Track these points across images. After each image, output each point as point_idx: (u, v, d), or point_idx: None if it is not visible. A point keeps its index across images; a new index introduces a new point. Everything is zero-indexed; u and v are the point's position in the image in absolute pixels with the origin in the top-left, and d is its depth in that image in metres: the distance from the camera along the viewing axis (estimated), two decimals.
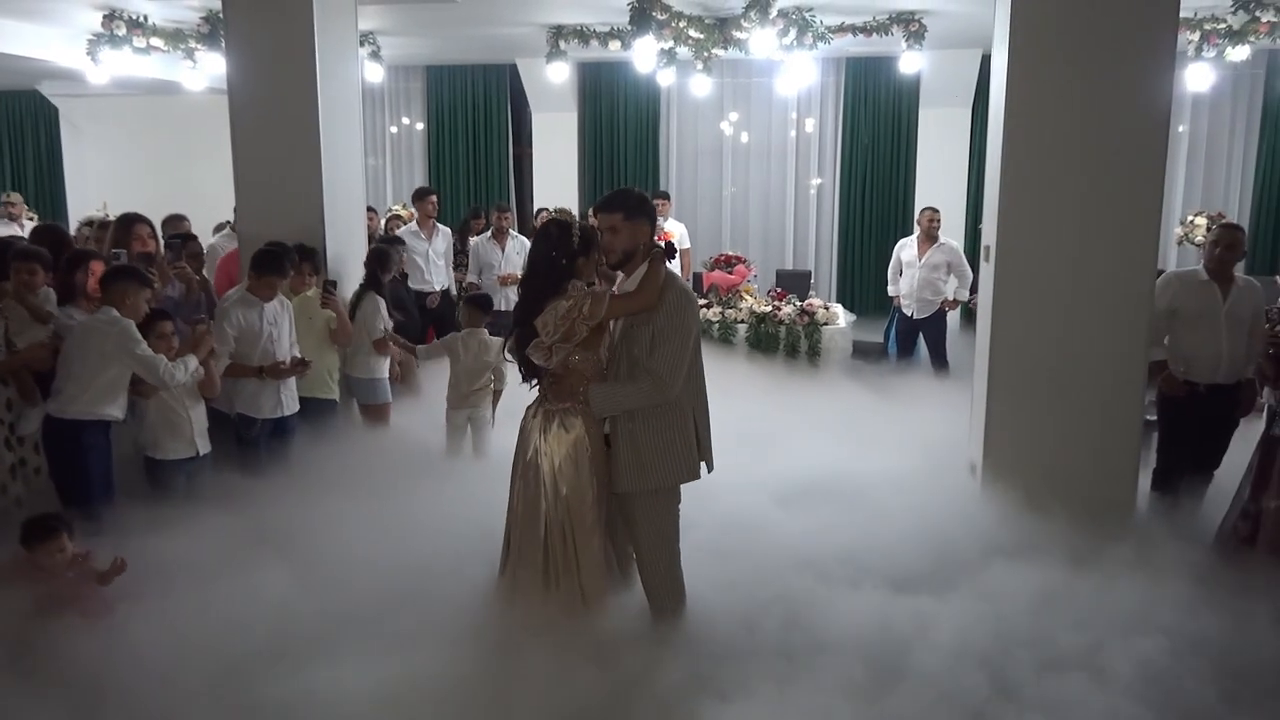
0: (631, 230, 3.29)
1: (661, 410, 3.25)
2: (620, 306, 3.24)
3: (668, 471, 3.28)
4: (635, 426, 3.25)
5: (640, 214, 3.32)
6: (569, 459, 3.24)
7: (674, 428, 3.26)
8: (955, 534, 4.20)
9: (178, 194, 8.97)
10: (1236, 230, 4.81)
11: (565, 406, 3.28)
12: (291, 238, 5.19)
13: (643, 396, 3.22)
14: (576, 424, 3.26)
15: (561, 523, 3.24)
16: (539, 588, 3.27)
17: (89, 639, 3.21)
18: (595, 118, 10.95)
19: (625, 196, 3.37)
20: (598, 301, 3.16)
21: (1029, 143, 4.36)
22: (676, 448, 3.27)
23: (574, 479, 3.23)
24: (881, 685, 3.13)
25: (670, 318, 3.21)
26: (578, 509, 3.24)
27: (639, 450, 3.25)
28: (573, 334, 3.17)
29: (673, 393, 3.20)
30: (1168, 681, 3.14)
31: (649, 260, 3.30)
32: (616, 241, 3.30)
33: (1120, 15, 4.21)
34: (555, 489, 3.24)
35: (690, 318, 3.25)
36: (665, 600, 3.39)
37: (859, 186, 10.56)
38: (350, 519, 4.19)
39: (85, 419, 4.08)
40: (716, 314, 7.61)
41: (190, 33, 8.35)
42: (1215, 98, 9.51)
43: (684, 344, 3.21)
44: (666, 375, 3.18)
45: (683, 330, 3.21)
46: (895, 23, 7.76)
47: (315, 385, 5.17)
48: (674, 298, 3.24)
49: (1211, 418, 4.71)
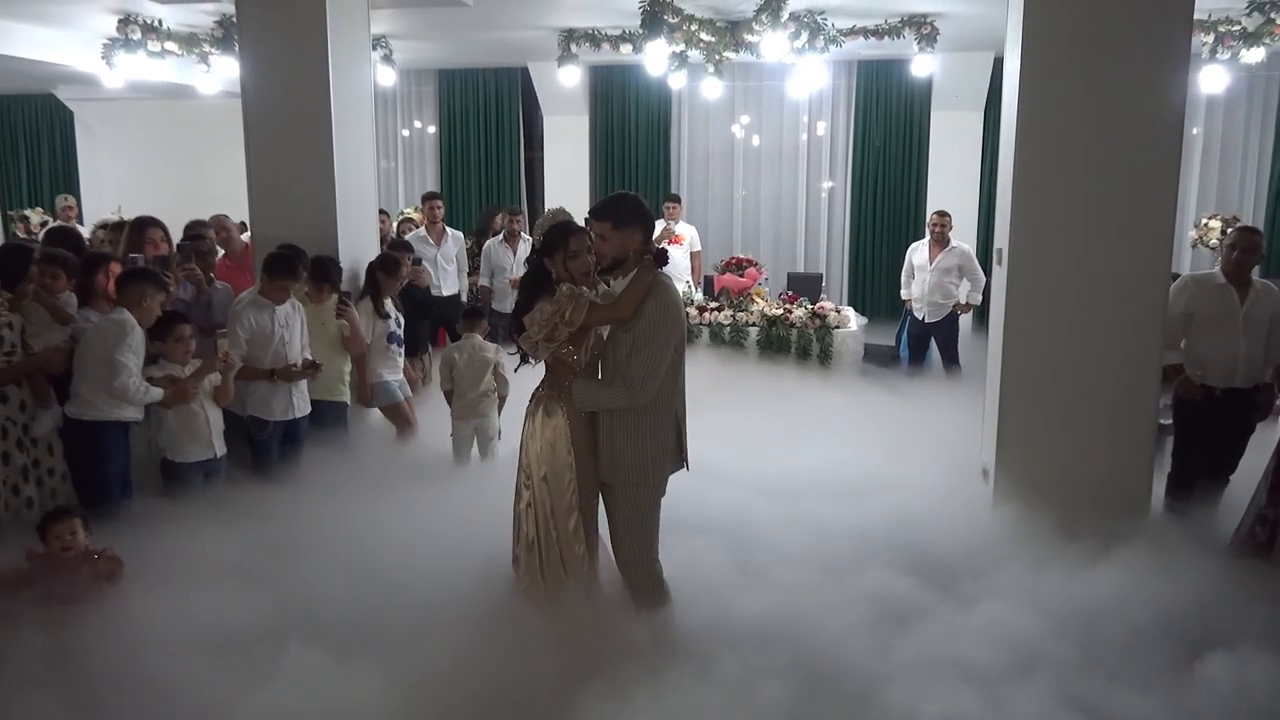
0: (621, 238, 3.30)
1: (641, 410, 3.30)
2: (597, 316, 3.29)
3: (638, 467, 3.34)
4: (613, 421, 3.34)
5: (632, 221, 3.31)
6: (548, 443, 3.36)
7: (646, 425, 3.32)
8: (968, 539, 4.18)
9: (192, 197, 9.04)
10: (1254, 233, 4.77)
11: (551, 394, 3.41)
12: (304, 240, 5.21)
13: (615, 399, 3.30)
14: (558, 411, 3.36)
15: (544, 502, 3.37)
16: (533, 562, 3.40)
17: (94, 636, 3.22)
18: (606, 121, 10.96)
19: (616, 204, 3.37)
20: (578, 308, 3.24)
21: (1041, 146, 4.34)
22: (646, 446, 3.33)
23: (552, 462, 3.35)
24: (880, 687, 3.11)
25: (648, 328, 3.24)
26: (555, 490, 3.36)
27: (614, 443, 3.34)
28: (555, 335, 3.27)
29: (644, 399, 3.26)
30: (1183, 687, 3.11)
31: (637, 268, 3.31)
32: (605, 249, 3.32)
33: (1134, 18, 4.18)
34: (538, 471, 3.38)
35: (668, 329, 3.26)
36: (644, 593, 3.43)
37: (870, 190, 10.53)
38: (357, 521, 4.21)
39: (104, 421, 4.11)
40: (727, 317, 7.60)
41: (204, 37, 8.39)
42: (1230, 100, 9.45)
43: (659, 354, 3.24)
44: (638, 383, 3.24)
45: (658, 341, 3.24)
46: (907, 26, 7.73)
47: (327, 388, 5.19)
48: (653, 308, 3.25)
49: (1228, 422, 4.68)
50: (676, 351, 3.33)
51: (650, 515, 3.44)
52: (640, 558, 3.43)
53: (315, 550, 3.94)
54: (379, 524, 4.18)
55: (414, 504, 4.41)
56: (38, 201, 11.98)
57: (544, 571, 3.38)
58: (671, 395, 3.36)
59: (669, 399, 3.35)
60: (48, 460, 4.24)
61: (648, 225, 3.38)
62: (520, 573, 3.46)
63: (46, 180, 12.69)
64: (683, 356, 3.40)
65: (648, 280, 3.29)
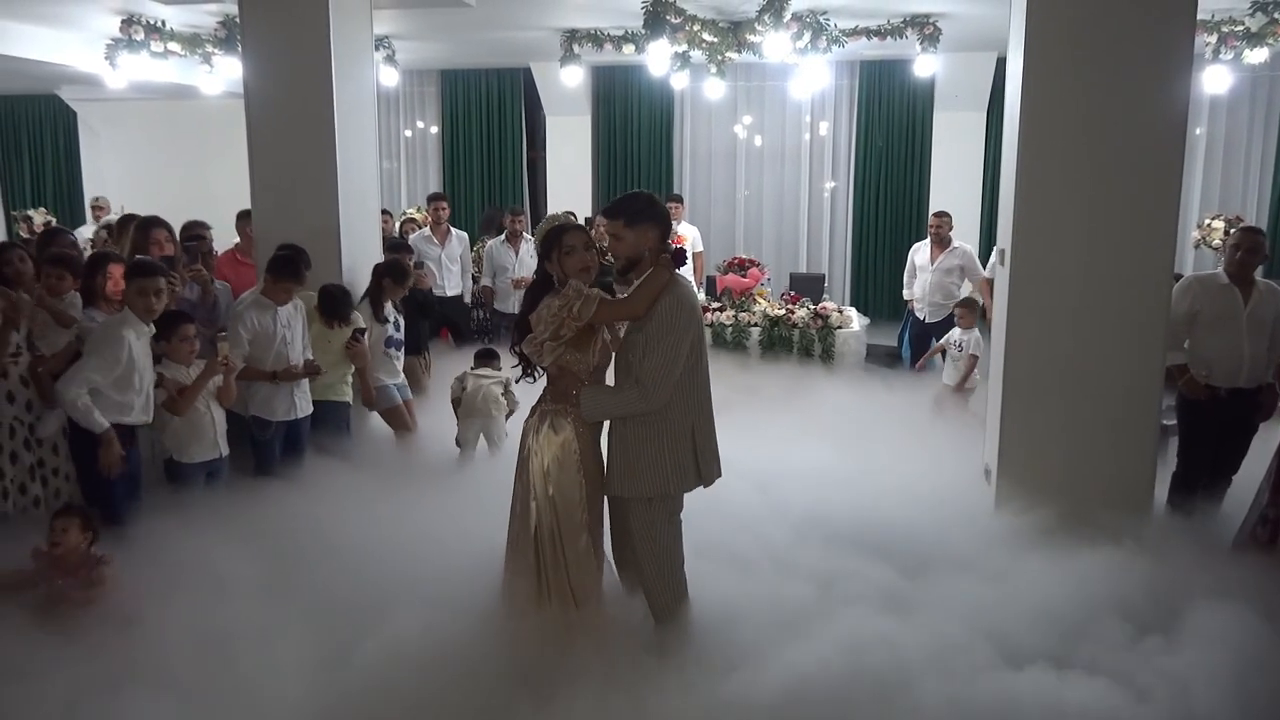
0: (635, 236, 3.20)
1: (652, 419, 3.18)
2: (607, 312, 3.18)
3: (655, 481, 3.20)
4: (627, 432, 3.22)
5: (645, 219, 3.21)
6: (556, 460, 3.23)
7: (663, 437, 3.18)
8: (970, 539, 4.18)
9: (194, 197, 9.05)
10: (1258, 234, 4.77)
11: (557, 408, 3.28)
12: (307, 240, 5.20)
13: (628, 404, 3.17)
14: (566, 426, 3.24)
15: (550, 523, 3.24)
16: (533, 588, 3.27)
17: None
18: (609, 121, 10.96)
19: (629, 202, 3.27)
20: (587, 303, 3.13)
21: (1044, 146, 4.33)
22: (665, 458, 3.19)
23: (560, 480, 3.22)
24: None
25: (660, 326, 3.11)
26: (564, 509, 3.23)
27: (629, 456, 3.21)
28: (562, 332, 3.15)
29: (658, 403, 3.13)
30: (1181, 685, 3.11)
31: (654, 267, 3.21)
32: (620, 248, 3.22)
33: (1137, 18, 4.18)
34: (544, 489, 3.24)
35: (682, 328, 3.13)
36: (664, 605, 3.32)
37: (873, 190, 10.53)
38: (359, 519, 4.22)
39: (112, 423, 4.12)
40: (730, 317, 7.61)
41: (207, 37, 8.41)
42: (1233, 100, 9.45)
43: (673, 354, 3.11)
44: (651, 384, 3.11)
45: (672, 340, 3.11)
46: (910, 26, 7.73)
47: (330, 389, 5.20)
48: (667, 306, 3.13)
49: (1231, 422, 4.68)
50: (694, 356, 3.20)
51: (667, 532, 3.31)
52: (661, 579, 3.30)
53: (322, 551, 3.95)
54: (378, 524, 4.19)
55: (415, 506, 4.41)
56: (41, 202, 12.02)
57: (550, 595, 3.23)
58: (688, 403, 3.21)
59: (684, 406, 3.20)
60: (53, 460, 4.24)
61: (662, 223, 3.25)
62: (510, 596, 3.31)
63: (50, 181, 12.73)
64: (703, 363, 3.27)
65: (664, 278, 3.17)
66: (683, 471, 3.24)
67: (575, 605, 3.24)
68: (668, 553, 3.33)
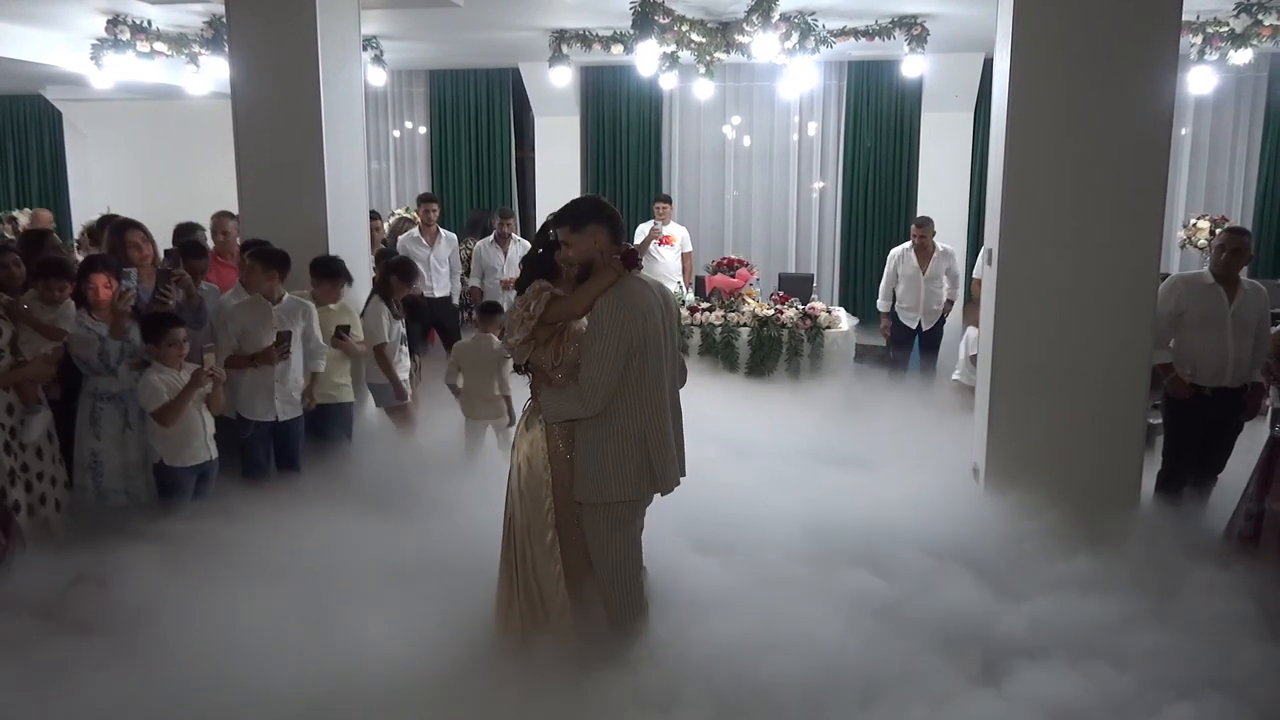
0: (583, 241, 3.14)
1: (599, 424, 3.10)
2: (554, 310, 3.15)
3: (601, 486, 3.13)
4: (579, 436, 3.16)
5: (590, 221, 3.14)
6: (526, 458, 3.25)
7: (609, 442, 3.11)
8: (956, 536, 4.19)
9: (181, 198, 8.99)
10: (1243, 234, 4.80)
11: (534, 406, 3.30)
12: (295, 241, 5.17)
13: (570, 407, 3.11)
14: (536, 424, 3.25)
15: (523, 519, 3.26)
16: (506, 583, 3.31)
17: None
18: (598, 121, 10.96)
19: (572, 207, 3.22)
20: (540, 301, 3.15)
21: (1031, 146, 4.36)
22: (609, 463, 3.11)
23: (529, 478, 3.24)
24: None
25: (594, 329, 3.05)
26: (532, 505, 3.24)
27: (581, 460, 3.15)
28: (530, 332, 3.16)
29: (595, 406, 3.05)
30: (1167, 680, 3.14)
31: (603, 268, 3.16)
32: (571, 254, 3.16)
33: (1122, 19, 4.21)
34: (518, 485, 3.28)
35: (619, 332, 3.02)
36: (622, 615, 3.26)
37: (861, 190, 10.56)
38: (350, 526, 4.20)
39: None
40: (719, 317, 7.61)
41: (194, 37, 8.35)
42: (1218, 101, 9.49)
43: (606, 359, 3.02)
44: (586, 388, 3.04)
45: (606, 344, 3.02)
46: (897, 26, 7.74)
47: (331, 390, 5.17)
48: (604, 308, 3.05)
49: (1216, 420, 4.71)
50: (641, 359, 3.08)
51: (619, 539, 3.22)
52: (613, 587, 3.24)
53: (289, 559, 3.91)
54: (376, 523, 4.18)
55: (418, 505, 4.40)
56: (25, 203, 11.92)
57: (519, 592, 3.26)
58: (634, 408, 3.11)
59: (630, 411, 3.10)
60: (36, 464, 4.21)
61: (612, 224, 3.18)
62: (500, 608, 3.33)
63: (35, 181, 12.64)
64: (659, 366, 3.15)
65: (607, 279, 3.11)
66: (632, 478, 3.15)
67: (544, 613, 3.24)
68: (624, 561, 3.26)
